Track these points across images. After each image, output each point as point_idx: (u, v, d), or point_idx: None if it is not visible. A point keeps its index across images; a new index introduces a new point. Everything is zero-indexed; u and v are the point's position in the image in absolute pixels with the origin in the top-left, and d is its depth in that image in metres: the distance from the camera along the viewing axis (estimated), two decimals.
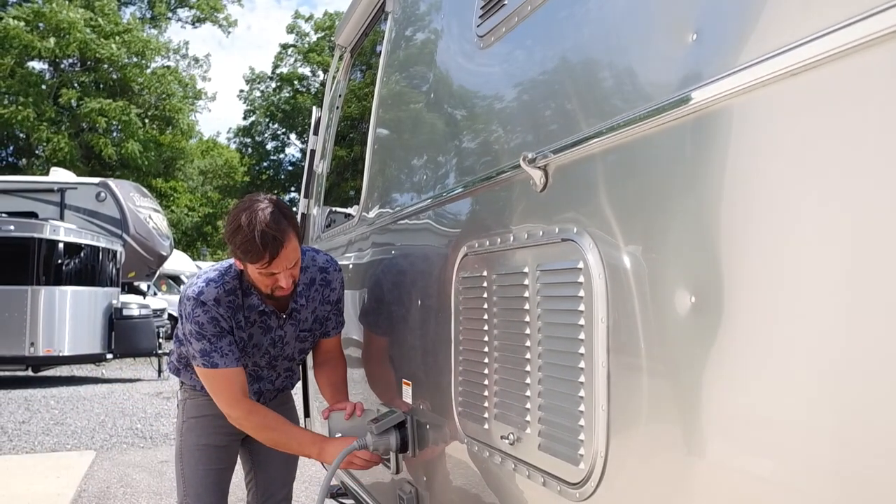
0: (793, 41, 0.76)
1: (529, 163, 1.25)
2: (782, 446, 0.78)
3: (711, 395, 0.89)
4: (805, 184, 0.76)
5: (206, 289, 2.07)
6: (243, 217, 1.90)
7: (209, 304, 2.05)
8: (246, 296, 2.11)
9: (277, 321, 2.17)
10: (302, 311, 2.21)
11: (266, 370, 2.29)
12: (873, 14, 0.67)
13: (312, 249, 2.27)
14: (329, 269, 2.24)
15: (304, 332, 2.25)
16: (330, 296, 2.25)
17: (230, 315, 2.08)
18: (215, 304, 2.05)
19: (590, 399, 1.08)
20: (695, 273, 0.91)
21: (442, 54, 1.91)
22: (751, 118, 0.84)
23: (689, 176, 0.94)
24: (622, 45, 1.11)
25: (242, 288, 2.10)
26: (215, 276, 2.10)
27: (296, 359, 2.34)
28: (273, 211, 1.93)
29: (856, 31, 0.69)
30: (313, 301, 2.22)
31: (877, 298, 0.68)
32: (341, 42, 3.27)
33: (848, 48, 0.70)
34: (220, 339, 2.05)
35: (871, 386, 0.68)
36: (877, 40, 0.67)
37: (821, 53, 0.72)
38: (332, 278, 2.25)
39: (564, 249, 1.16)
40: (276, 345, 2.22)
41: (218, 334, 2.05)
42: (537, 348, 1.23)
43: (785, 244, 0.79)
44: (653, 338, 0.99)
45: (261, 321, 2.15)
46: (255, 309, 2.12)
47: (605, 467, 1.06)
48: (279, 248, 1.90)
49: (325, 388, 2.29)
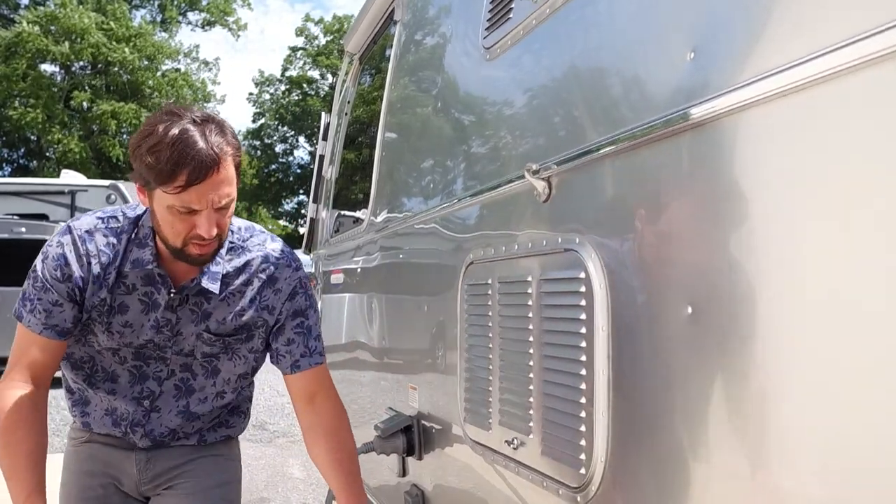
0: (783, 63, 0.79)
1: (533, 174, 1.29)
2: (776, 450, 0.81)
3: (708, 400, 0.92)
4: (801, 196, 0.79)
5: (86, 218, 1.55)
6: (161, 125, 1.35)
7: (77, 233, 1.51)
8: (139, 246, 1.51)
9: (167, 298, 1.53)
10: (212, 302, 1.56)
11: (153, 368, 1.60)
12: (847, 45, 0.70)
13: (269, 234, 1.66)
14: (279, 265, 1.60)
15: (212, 337, 1.58)
16: (270, 299, 1.59)
17: (97, 262, 1.50)
18: (86, 236, 1.51)
19: (591, 405, 1.11)
20: (692, 284, 0.95)
21: (449, 64, 1.95)
22: (747, 133, 0.87)
23: (687, 190, 0.97)
24: (623, 61, 1.15)
25: (138, 237, 1.52)
26: (109, 212, 1.57)
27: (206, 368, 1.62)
28: (206, 119, 1.40)
29: (830, 59, 0.72)
30: (239, 297, 1.57)
31: (870, 315, 0.71)
32: (350, 49, 3.32)
33: (831, 73, 0.73)
34: (47, 290, 1.49)
35: (871, 392, 0.71)
36: (855, 67, 0.70)
37: (810, 75, 0.75)
38: (279, 275, 1.60)
39: (567, 259, 1.20)
40: (162, 330, 1.56)
41: (51, 282, 1.49)
42: (540, 355, 1.26)
43: (782, 255, 0.82)
44: (652, 346, 1.02)
45: (144, 290, 1.53)
46: (141, 267, 1.50)
47: (605, 471, 1.09)
48: (206, 166, 1.33)
49: (327, 468, 1.62)
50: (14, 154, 25.22)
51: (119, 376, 1.61)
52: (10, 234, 9.86)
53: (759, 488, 0.84)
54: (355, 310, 2.65)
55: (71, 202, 13.00)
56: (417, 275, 2.05)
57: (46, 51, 21.56)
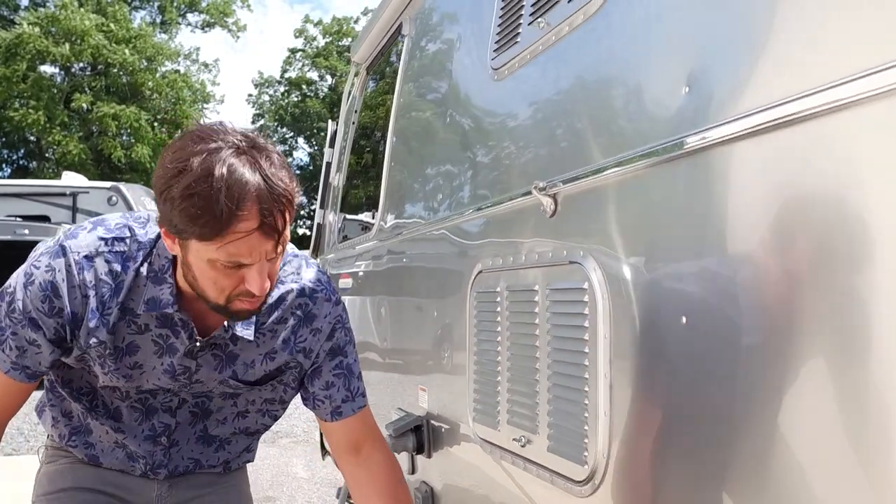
0: (770, 101, 0.89)
1: (540, 190, 1.39)
2: (761, 447, 0.91)
3: (699, 401, 1.02)
4: (780, 220, 0.89)
5: (85, 236, 1.23)
6: (195, 158, 1.05)
7: (73, 258, 1.20)
8: (154, 282, 1.22)
9: (189, 344, 1.28)
10: (239, 343, 1.31)
11: (160, 400, 1.36)
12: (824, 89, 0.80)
13: (301, 256, 1.39)
14: (317, 299, 1.35)
15: (238, 384, 1.35)
16: (307, 340, 1.35)
17: (95, 295, 1.21)
18: (85, 262, 1.20)
19: (593, 405, 1.21)
20: (686, 295, 1.05)
21: (457, 81, 2.05)
22: (737, 162, 0.97)
23: (682, 211, 1.07)
24: (625, 89, 1.25)
25: (152, 269, 1.23)
26: (114, 230, 1.24)
27: (226, 393, 1.38)
28: (252, 145, 1.10)
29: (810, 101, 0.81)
30: (270, 336, 1.32)
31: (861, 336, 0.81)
32: (357, 59, 3.41)
33: (814, 111, 0.83)
34: (26, 323, 1.20)
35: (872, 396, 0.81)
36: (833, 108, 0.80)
37: (794, 112, 0.84)
38: (318, 312, 1.35)
39: (571, 271, 1.30)
40: (178, 378, 1.31)
41: (33, 314, 1.20)
42: (546, 359, 1.36)
43: (767, 272, 0.92)
44: (649, 352, 1.12)
45: (159, 332, 1.26)
46: (157, 309, 1.23)
47: (606, 466, 1.19)
48: (268, 214, 1.06)
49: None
50: (14, 155, 25.29)
51: (122, 413, 1.36)
52: (12, 235, 9.94)
53: (745, 481, 0.94)
54: (365, 313, 2.74)
55: (73, 204, 13.07)
56: (427, 281, 2.15)
57: (47, 52, 21.63)
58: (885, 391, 0.73)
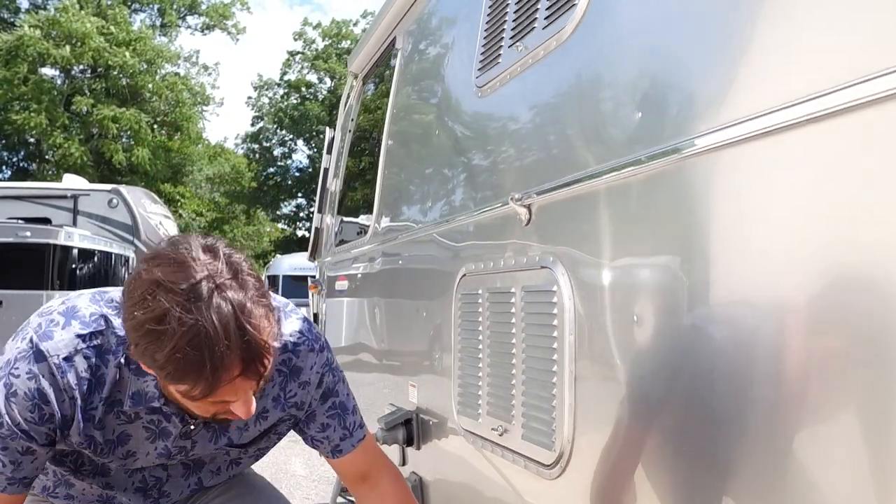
0: (737, 117, 0.95)
1: (516, 201, 1.52)
2: (707, 429, 1.04)
3: (652, 392, 1.15)
4: (748, 223, 0.99)
5: (61, 335, 1.16)
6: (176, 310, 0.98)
7: (53, 361, 1.14)
8: (136, 374, 1.18)
9: (182, 428, 1.27)
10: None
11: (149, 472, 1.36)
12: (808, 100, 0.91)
13: (280, 304, 1.28)
14: (300, 352, 1.32)
15: (236, 450, 1.38)
16: (297, 395, 1.34)
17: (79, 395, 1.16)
18: (65, 365, 1.14)
19: (560, 397, 1.34)
20: (640, 297, 1.18)
21: (446, 97, 2.17)
22: (693, 176, 1.09)
23: (640, 221, 1.20)
24: (594, 108, 1.37)
25: (128, 363, 1.18)
26: (91, 324, 1.18)
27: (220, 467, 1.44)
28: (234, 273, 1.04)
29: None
30: (258, 397, 1.22)
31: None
32: (353, 69, 3.53)
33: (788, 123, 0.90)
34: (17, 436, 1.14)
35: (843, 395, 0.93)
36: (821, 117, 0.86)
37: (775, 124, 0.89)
38: (303, 365, 1.33)
39: (542, 275, 1.43)
40: (174, 457, 1.32)
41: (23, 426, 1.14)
42: (521, 355, 1.49)
43: (707, 274, 1.04)
44: (609, 348, 1.25)
45: (150, 419, 1.24)
46: (143, 403, 1.20)
47: (571, 451, 1.32)
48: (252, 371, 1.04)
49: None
50: (14, 157, 25.40)
51: (111, 470, 1.33)
52: (14, 237, 10.05)
53: (693, 460, 1.06)
54: (360, 313, 2.87)
55: (73, 206, 13.19)
56: (417, 283, 2.28)
57: (47, 55, 21.75)
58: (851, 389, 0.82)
